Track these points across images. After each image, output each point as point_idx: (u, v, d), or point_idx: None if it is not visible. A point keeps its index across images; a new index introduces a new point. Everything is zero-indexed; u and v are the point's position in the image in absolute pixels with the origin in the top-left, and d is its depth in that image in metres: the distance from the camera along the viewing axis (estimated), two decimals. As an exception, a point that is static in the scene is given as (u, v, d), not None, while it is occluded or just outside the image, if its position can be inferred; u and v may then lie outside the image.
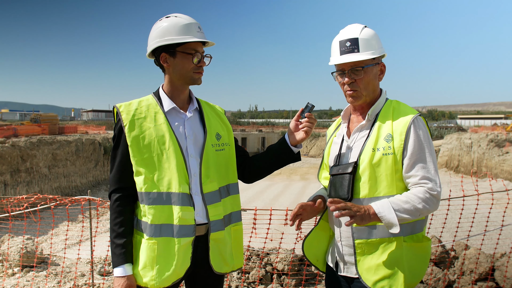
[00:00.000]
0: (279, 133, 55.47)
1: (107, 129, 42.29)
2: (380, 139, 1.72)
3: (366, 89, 1.78)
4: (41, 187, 23.12)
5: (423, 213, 1.65)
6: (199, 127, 1.92)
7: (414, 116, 1.71)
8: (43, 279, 4.88)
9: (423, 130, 1.70)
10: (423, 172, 1.66)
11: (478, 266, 4.31)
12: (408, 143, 1.68)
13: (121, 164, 1.82)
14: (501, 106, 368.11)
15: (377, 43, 1.79)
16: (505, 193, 4.28)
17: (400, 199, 1.65)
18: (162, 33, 1.81)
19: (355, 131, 1.84)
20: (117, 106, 1.85)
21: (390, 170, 1.69)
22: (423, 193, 1.64)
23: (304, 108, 1.96)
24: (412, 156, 1.67)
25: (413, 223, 1.74)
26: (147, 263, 1.77)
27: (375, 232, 1.72)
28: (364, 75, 1.76)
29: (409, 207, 1.62)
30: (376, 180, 1.70)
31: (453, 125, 61.71)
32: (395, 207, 1.62)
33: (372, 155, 1.71)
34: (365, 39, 1.76)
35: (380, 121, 1.76)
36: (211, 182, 1.87)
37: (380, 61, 1.82)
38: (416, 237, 1.76)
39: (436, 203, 1.66)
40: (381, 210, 1.64)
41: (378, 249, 1.71)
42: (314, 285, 4.62)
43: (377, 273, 1.70)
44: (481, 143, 31.54)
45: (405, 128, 1.68)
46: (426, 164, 1.67)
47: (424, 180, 1.65)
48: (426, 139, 1.69)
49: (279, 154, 2.00)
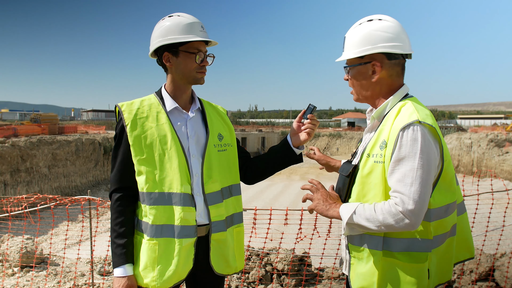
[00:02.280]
0: (279, 133, 55.47)
1: (107, 129, 42.28)
2: (376, 145, 1.61)
3: (357, 89, 1.72)
4: (41, 187, 23.12)
5: (386, 227, 1.51)
6: (201, 127, 1.92)
7: (408, 123, 1.51)
8: (42, 279, 4.88)
9: (412, 138, 1.50)
10: (396, 185, 1.51)
11: (478, 266, 4.30)
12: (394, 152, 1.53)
13: (122, 164, 1.81)
14: (501, 106, 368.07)
15: (369, 41, 1.64)
16: (505, 193, 4.28)
17: (369, 205, 1.56)
18: (164, 32, 1.80)
19: (365, 132, 1.79)
20: (119, 105, 1.84)
21: (379, 179, 1.58)
22: (389, 206, 1.50)
23: (306, 109, 1.95)
24: (392, 165, 1.53)
25: (410, 240, 1.58)
26: (148, 263, 1.76)
27: (362, 240, 1.65)
28: (351, 75, 1.71)
29: (369, 215, 1.53)
30: (366, 187, 1.62)
31: (453, 125, 61.74)
32: (358, 211, 1.56)
33: (366, 161, 1.63)
34: (351, 37, 1.69)
35: (383, 125, 1.64)
36: (213, 182, 1.86)
37: (374, 60, 1.65)
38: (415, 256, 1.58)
39: (402, 221, 1.48)
40: (343, 209, 1.61)
41: (364, 258, 1.65)
42: (314, 285, 4.62)
43: (359, 280, 1.65)
44: (481, 143, 31.55)
45: (395, 136, 1.53)
46: (403, 176, 1.49)
47: (394, 193, 1.51)
48: (411, 148, 1.49)
49: (281, 155, 2.00)
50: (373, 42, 1.64)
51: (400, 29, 1.68)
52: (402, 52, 1.65)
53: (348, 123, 78.36)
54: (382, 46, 1.63)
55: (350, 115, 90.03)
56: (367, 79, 1.68)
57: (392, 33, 1.64)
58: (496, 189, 4.38)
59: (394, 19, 1.70)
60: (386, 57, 1.65)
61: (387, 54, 1.65)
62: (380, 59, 1.65)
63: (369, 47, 1.64)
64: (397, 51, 1.64)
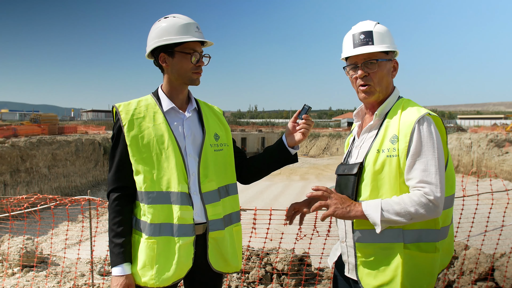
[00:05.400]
0: (278, 133, 55.50)
1: (106, 129, 42.27)
2: (386, 140, 1.64)
3: (380, 84, 1.72)
4: (41, 187, 23.12)
5: (416, 218, 1.55)
6: (197, 127, 1.93)
7: (421, 115, 1.60)
8: (43, 279, 4.88)
9: (428, 130, 1.58)
10: (422, 175, 1.55)
11: (478, 266, 4.31)
12: (411, 145, 1.58)
13: (120, 164, 1.82)
14: (501, 106, 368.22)
15: (390, 39, 1.75)
16: (505, 193, 4.29)
17: (393, 200, 1.58)
18: (160, 34, 1.81)
19: (364, 131, 1.81)
20: (116, 105, 1.85)
21: (393, 173, 1.61)
22: (418, 197, 1.54)
23: (301, 110, 1.97)
24: (412, 158, 1.58)
25: (419, 231, 1.64)
26: (147, 262, 1.77)
27: (376, 236, 1.65)
28: (378, 69, 1.71)
29: (400, 209, 1.54)
30: (379, 182, 1.63)
31: (452, 125, 61.72)
32: (385, 207, 1.56)
33: (376, 156, 1.64)
34: (379, 32, 1.73)
35: (388, 121, 1.68)
36: (209, 181, 1.87)
37: (393, 57, 1.77)
38: (424, 246, 1.64)
39: (433, 209, 1.54)
40: (368, 208, 1.59)
41: (378, 254, 1.66)
42: (313, 285, 4.62)
43: (376, 279, 1.65)
44: (480, 143, 31.56)
45: (409, 129, 1.59)
46: (427, 166, 1.56)
47: (421, 184, 1.55)
48: (429, 139, 1.57)
49: (276, 155, 2.01)
50: (393, 41, 1.77)
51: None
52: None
53: (348, 123, 78.35)
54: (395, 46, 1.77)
55: (350, 115, 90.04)
56: (389, 75, 1.76)
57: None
58: (496, 189, 4.39)
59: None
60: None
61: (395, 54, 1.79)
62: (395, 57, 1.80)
63: (395, 45, 1.76)
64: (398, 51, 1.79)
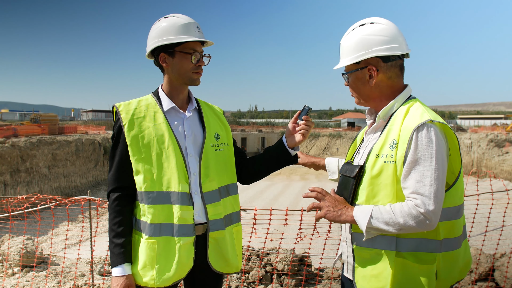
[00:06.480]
0: (279, 133, 55.49)
1: (107, 129, 42.27)
2: (385, 145, 1.58)
3: (359, 94, 1.73)
4: (41, 187, 23.13)
5: (406, 229, 1.50)
6: (198, 127, 1.92)
7: (421, 122, 1.50)
8: (43, 279, 4.88)
9: (427, 139, 1.49)
10: (416, 186, 1.49)
11: (478, 266, 4.31)
12: (408, 153, 1.51)
13: (120, 163, 1.82)
14: (501, 106, 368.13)
15: (362, 46, 1.64)
16: (505, 193, 4.28)
17: (385, 208, 1.53)
18: (160, 33, 1.81)
19: (370, 132, 1.77)
20: (117, 105, 1.85)
21: (390, 179, 1.55)
22: (409, 208, 1.48)
23: (301, 110, 1.96)
24: (408, 166, 1.51)
25: (417, 240, 1.57)
26: (147, 262, 1.77)
27: (369, 242, 1.62)
28: (350, 81, 1.72)
29: (389, 219, 1.50)
30: (375, 188, 1.59)
31: (453, 125, 61.71)
32: (375, 214, 1.53)
33: (375, 161, 1.59)
34: (346, 45, 1.69)
35: (391, 125, 1.61)
36: (210, 181, 1.86)
37: (369, 64, 1.65)
38: (422, 256, 1.57)
39: (423, 222, 1.47)
40: (358, 214, 1.57)
41: (373, 259, 1.62)
42: (314, 285, 4.62)
43: (370, 283, 1.63)
44: (481, 143, 31.56)
45: (408, 136, 1.51)
46: (422, 177, 1.48)
47: (414, 195, 1.49)
48: (427, 148, 1.48)
49: (276, 156, 2.00)
50: (367, 47, 1.63)
51: (394, 30, 1.66)
52: (397, 53, 1.64)
53: (348, 123, 78.36)
54: (377, 50, 1.63)
55: (350, 115, 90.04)
56: (366, 84, 1.68)
57: (385, 35, 1.63)
58: (496, 189, 4.38)
59: (387, 21, 1.68)
60: (381, 60, 1.64)
61: (382, 57, 1.64)
62: (375, 63, 1.65)
63: (363, 53, 1.64)
64: (392, 53, 1.63)
